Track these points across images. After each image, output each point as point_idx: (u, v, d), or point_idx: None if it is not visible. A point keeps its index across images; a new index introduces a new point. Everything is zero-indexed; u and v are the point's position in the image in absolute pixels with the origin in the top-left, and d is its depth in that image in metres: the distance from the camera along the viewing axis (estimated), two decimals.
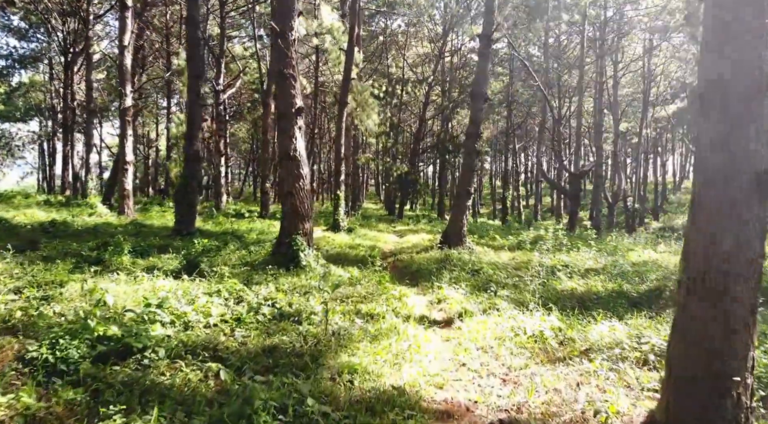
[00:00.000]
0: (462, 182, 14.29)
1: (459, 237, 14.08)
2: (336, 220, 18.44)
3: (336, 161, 18.65)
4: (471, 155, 14.06)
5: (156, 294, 6.61)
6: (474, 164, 14.17)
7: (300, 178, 8.78)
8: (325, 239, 15.77)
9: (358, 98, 22.05)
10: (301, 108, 8.75)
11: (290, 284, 7.81)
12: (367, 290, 7.97)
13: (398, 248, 15.61)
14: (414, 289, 9.41)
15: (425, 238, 18.39)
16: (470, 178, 14.18)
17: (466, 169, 14.14)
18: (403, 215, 31.88)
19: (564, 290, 9.24)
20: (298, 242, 8.78)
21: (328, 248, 13.91)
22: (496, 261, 12.35)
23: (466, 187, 14.13)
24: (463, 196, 14.21)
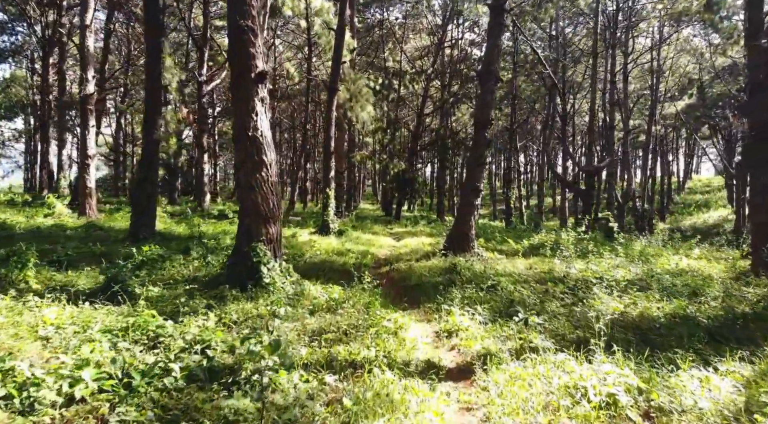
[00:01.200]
0: (469, 178, 12.00)
1: (466, 242, 11.79)
2: (325, 221, 16.13)
3: (324, 156, 16.38)
4: (480, 146, 11.78)
5: (36, 329, 4.36)
6: (483, 157, 11.89)
7: (262, 167, 6.45)
8: (311, 243, 13.47)
9: (352, 88, 19.76)
10: (263, 73, 6.45)
11: (241, 313, 5.51)
12: (351, 319, 5.67)
13: (395, 254, 13.31)
14: (414, 312, 7.11)
15: (425, 242, 16.10)
16: (479, 173, 11.90)
17: (475, 162, 11.85)
18: (401, 215, 29.58)
19: (609, 312, 6.95)
20: (259, 252, 6.45)
21: (312, 255, 11.61)
22: (512, 271, 10.08)
23: (474, 183, 11.84)
24: (470, 194, 11.92)
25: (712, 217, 43.19)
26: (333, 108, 16.19)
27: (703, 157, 76.32)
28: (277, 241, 6.88)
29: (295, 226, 18.97)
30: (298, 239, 14.40)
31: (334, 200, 16.38)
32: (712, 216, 43.53)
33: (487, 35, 11.90)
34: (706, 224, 39.85)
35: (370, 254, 12.89)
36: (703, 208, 46.33)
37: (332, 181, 16.28)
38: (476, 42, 34.97)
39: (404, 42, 34.66)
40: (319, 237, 15.29)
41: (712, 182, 63.10)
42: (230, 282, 6.38)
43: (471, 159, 12.00)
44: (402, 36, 33.76)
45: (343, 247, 13.36)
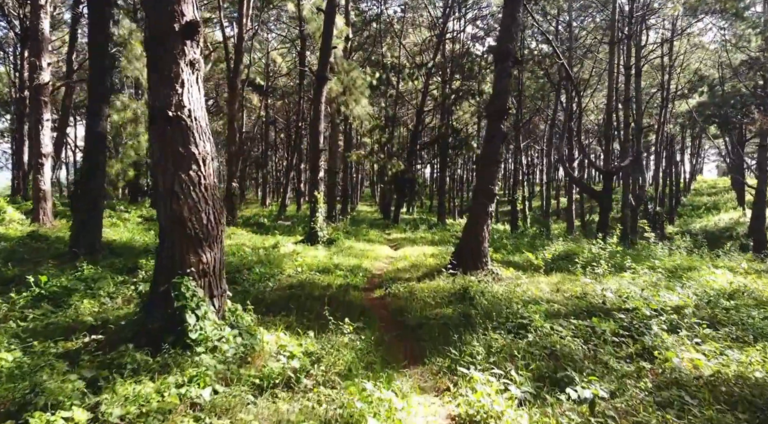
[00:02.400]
0: (481, 179, 9.78)
1: (478, 257, 9.59)
2: (312, 229, 13.93)
3: (312, 154, 14.18)
4: (494, 140, 9.57)
5: None
6: (499, 153, 9.69)
7: (191, 163, 4.19)
8: (293, 256, 11.28)
9: (345, 79, 17.56)
10: (193, 24, 4.23)
11: (133, 403, 3.28)
12: (319, 407, 3.45)
13: (392, 269, 11.10)
14: (418, 373, 4.89)
15: (427, 252, 13.90)
16: (493, 172, 9.69)
17: (488, 160, 9.65)
18: (400, 218, 27.39)
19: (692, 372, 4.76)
20: (184, 292, 4.20)
21: (291, 274, 9.42)
22: (538, 296, 7.92)
23: (487, 184, 9.63)
24: (482, 197, 9.71)
25: (722, 219, 41.10)
26: (321, 99, 13.99)
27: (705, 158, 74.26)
28: (216, 272, 4.61)
29: (282, 233, 16.78)
30: (279, 250, 12.21)
31: (324, 205, 14.18)
32: (723, 219, 41.42)
33: (504, 5, 9.68)
34: (717, 227, 37.76)
35: (363, 269, 10.69)
36: (713, 210, 44.19)
37: (322, 182, 14.08)
38: (478, 36, 32.79)
39: (403, 37, 32.47)
40: (306, 247, 13.10)
41: (718, 183, 61.02)
42: (146, 336, 4.16)
43: (484, 156, 9.79)
44: (401, 30, 31.56)
45: (330, 261, 11.16)
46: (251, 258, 10.79)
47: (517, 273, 9.91)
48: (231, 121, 17.91)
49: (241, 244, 12.96)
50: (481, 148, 9.92)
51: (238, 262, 10.21)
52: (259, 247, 12.66)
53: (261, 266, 9.87)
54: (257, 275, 8.77)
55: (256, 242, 13.76)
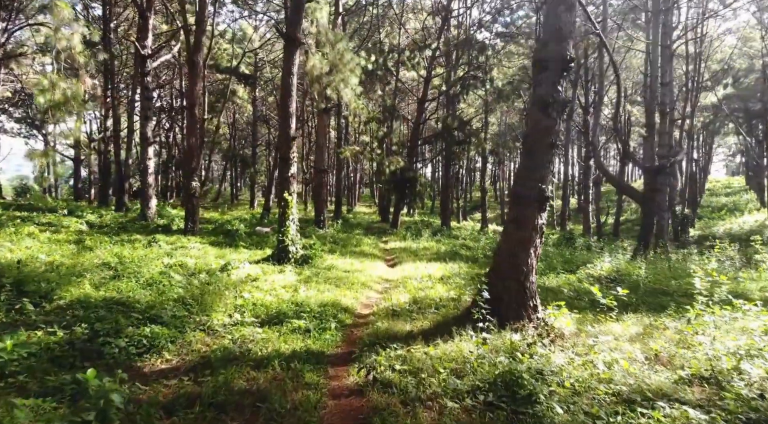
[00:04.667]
0: (527, 172, 5.95)
1: (522, 298, 5.84)
2: (282, 244, 10.12)
3: (281, 142, 10.33)
4: (547, 112, 5.80)
5: None
6: (553, 133, 5.88)
7: None
8: (240, 288, 7.48)
9: (331, 55, 13.76)
10: None
11: None
12: None
13: (384, 309, 7.23)
14: None
15: (434, 272, 10.12)
16: (546, 161, 5.88)
17: (539, 142, 5.85)
18: (399, 222, 23.57)
19: None
20: None
21: (217, 327, 5.65)
22: (640, 387, 4.05)
23: (536, 181, 5.85)
24: (529, 203, 5.90)
25: (747, 222, 37.16)
26: (292, 69, 10.19)
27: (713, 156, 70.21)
28: None
29: (250, 244, 12.97)
30: (228, 275, 8.42)
31: (295, 210, 10.36)
32: (747, 221, 37.46)
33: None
34: (743, 230, 33.90)
35: (341, 310, 6.87)
36: (735, 212, 40.36)
37: (292, 181, 10.24)
38: (484, 22, 28.90)
39: (404, 23, 28.64)
40: (269, 269, 9.30)
41: (732, 183, 57.26)
42: None
43: (531, 138, 5.98)
44: (400, 14, 27.72)
45: (294, 295, 7.36)
46: (173, 292, 7.01)
47: (570, 310, 6.16)
48: (191, 106, 14.10)
49: (178, 264, 9.18)
50: (527, 124, 6.05)
51: (150, 300, 6.44)
52: (202, 269, 8.88)
53: (176, 310, 6.11)
54: (147, 335, 5.01)
55: (205, 260, 9.98)
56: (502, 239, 6.18)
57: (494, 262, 6.21)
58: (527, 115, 6.20)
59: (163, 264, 9.29)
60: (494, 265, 6.19)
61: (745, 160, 56.54)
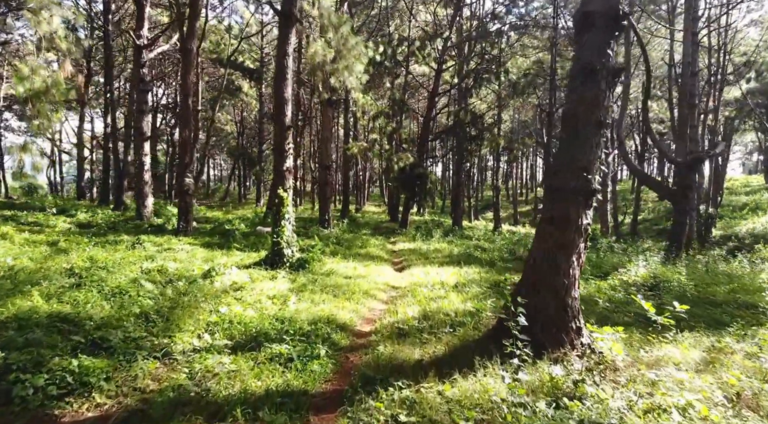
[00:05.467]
0: (566, 160, 4.66)
1: (563, 319, 4.57)
2: (276, 245, 8.91)
3: (276, 131, 9.10)
4: (594, 81, 4.51)
5: None
6: (602, 108, 4.57)
7: None
8: (221, 300, 6.29)
9: (334, 40, 12.55)
10: None
11: None
12: None
13: (387, 326, 5.98)
14: None
15: (448, 278, 8.85)
16: (590, 145, 4.58)
17: (582, 121, 4.57)
18: (409, 222, 22.26)
19: None
20: None
21: (178, 355, 4.43)
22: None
23: (578, 170, 4.55)
24: (568, 198, 4.60)
25: None
26: (287, 49, 8.96)
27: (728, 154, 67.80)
28: None
29: (245, 246, 11.78)
30: (210, 283, 7.23)
31: (291, 208, 9.13)
32: None
33: None
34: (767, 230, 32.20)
35: (335, 329, 5.64)
36: (758, 211, 38.47)
37: (288, 176, 9.01)
38: (498, 13, 27.44)
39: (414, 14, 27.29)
40: (260, 275, 8.10)
41: (751, 182, 55.08)
42: None
43: (573, 116, 4.71)
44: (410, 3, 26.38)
45: (284, 308, 6.15)
46: (138, 305, 5.83)
47: (615, 329, 4.88)
48: (185, 97, 12.95)
49: (157, 269, 8.02)
50: (566, 98, 4.76)
51: (107, 315, 5.29)
52: (182, 275, 7.70)
53: (134, 329, 4.94)
54: (75, 370, 3.80)
55: (190, 264, 8.82)
56: (535, 243, 4.89)
57: (526, 272, 4.92)
58: (568, 86, 4.92)
59: (141, 269, 8.14)
60: (526, 275, 4.91)
61: (763, 158, 54.36)
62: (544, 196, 4.89)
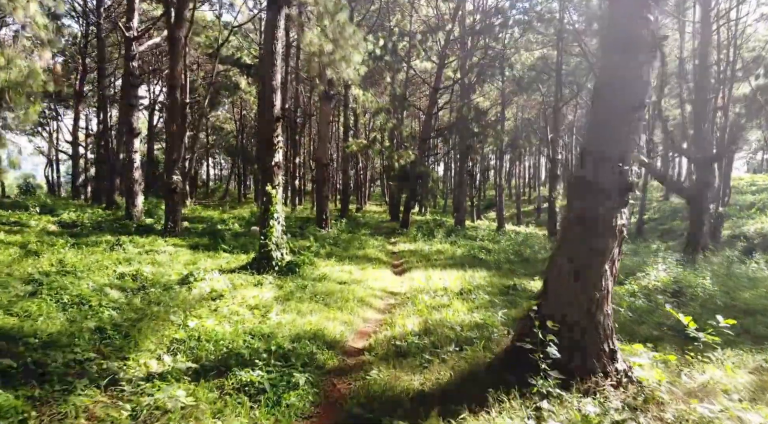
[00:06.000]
0: (598, 148, 3.84)
1: (593, 340, 3.71)
2: (264, 247, 8.10)
3: (262, 121, 8.25)
4: (632, 50, 3.66)
5: None
6: (641, 83, 3.74)
7: None
8: (192, 312, 5.48)
9: (330, 28, 11.74)
10: None
11: None
12: None
13: (386, 337, 5.18)
14: None
15: (452, 283, 8.04)
16: (627, 128, 3.74)
17: (618, 100, 3.74)
18: (410, 221, 21.44)
19: None
20: None
21: (125, 389, 3.58)
22: None
23: (614, 161, 3.71)
24: (600, 194, 3.76)
25: None
26: (276, 33, 8.05)
27: None
28: None
29: (233, 248, 10.96)
30: (188, 290, 6.44)
31: (280, 207, 8.32)
32: None
33: None
34: None
35: (325, 345, 4.83)
36: (766, 210, 37.53)
37: (277, 171, 8.19)
38: (502, 8, 26.56)
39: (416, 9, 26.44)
40: (245, 279, 7.30)
41: (756, 181, 54.12)
42: None
43: (607, 93, 3.87)
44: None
45: (265, 321, 5.35)
46: (98, 318, 5.04)
47: (647, 348, 4.09)
48: (172, 89, 12.15)
49: (132, 274, 7.23)
50: (599, 72, 3.90)
51: (57, 330, 4.51)
52: (158, 281, 6.90)
53: (83, 349, 4.15)
54: None
55: (170, 268, 8.03)
56: (559, 248, 4.06)
57: (548, 283, 4.09)
58: (601, 59, 4.09)
59: (114, 273, 7.35)
60: (548, 287, 4.07)
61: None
62: (568, 191, 4.06)
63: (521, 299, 6.98)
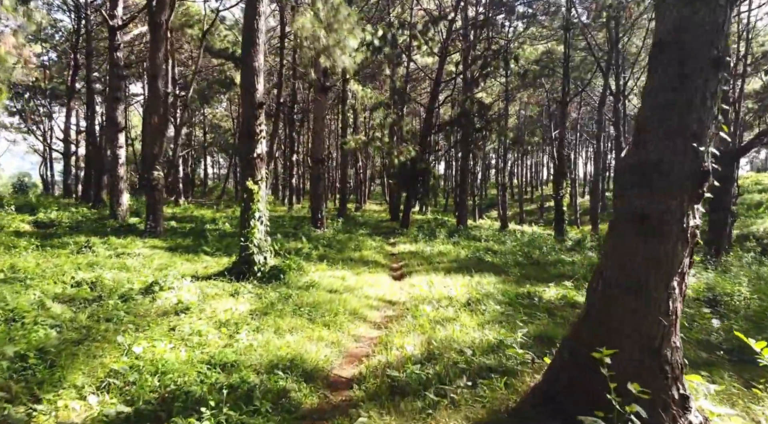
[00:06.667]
0: (661, 122, 2.85)
1: (657, 383, 2.67)
2: (245, 251, 7.09)
3: (245, 109, 7.21)
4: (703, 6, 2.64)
5: None
6: (721, 35, 2.72)
7: None
8: (144, 332, 4.47)
9: (323, 11, 10.79)
10: None
11: None
12: None
13: (380, 363, 4.18)
14: None
15: (458, 291, 7.02)
16: (702, 96, 2.74)
17: (690, 59, 2.72)
18: (410, 220, 20.44)
19: None
20: None
21: None
22: None
23: (685, 139, 2.69)
24: (667, 182, 2.72)
25: None
26: (259, 6, 7.09)
27: None
28: None
29: (215, 251, 9.94)
30: (151, 301, 5.47)
31: (263, 205, 7.31)
32: None
33: None
34: None
35: (304, 376, 3.83)
36: None
37: (260, 164, 7.19)
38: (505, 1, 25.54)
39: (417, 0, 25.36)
40: (221, 287, 6.31)
41: (762, 180, 53.09)
42: None
43: (674, 51, 2.80)
44: None
45: (231, 344, 4.34)
46: (23, 341, 4.04)
47: (705, 379, 3.05)
48: (153, 78, 11.15)
49: (91, 281, 6.24)
50: (659, 22, 2.84)
51: None
52: (118, 290, 5.90)
53: None
54: None
55: (139, 274, 7.04)
56: (606, 258, 3.05)
57: (591, 304, 3.07)
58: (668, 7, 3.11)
59: (72, 281, 6.36)
60: (590, 310, 3.06)
61: None
62: (618, 182, 3.06)
63: (539, 312, 5.97)
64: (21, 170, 51.50)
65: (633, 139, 2.99)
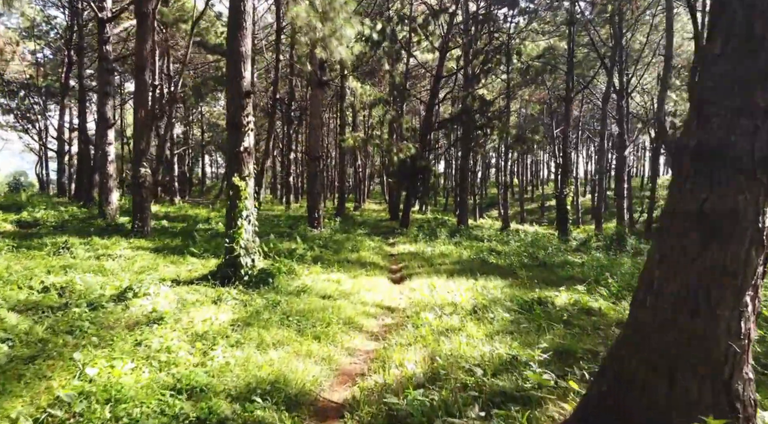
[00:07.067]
0: (733, 92, 2.26)
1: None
2: (231, 254, 6.49)
3: (230, 99, 6.61)
4: None
5: None
6: None
7: None
8: (113, 346, 3.88)
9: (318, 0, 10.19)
10: None
11: None
12: None
13: (376, 386, 3.60)
14: None
15: (462, 296, 6.42)
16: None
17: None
18: (410, 220, 19.86)
19: None
20: None
21: None
22: None
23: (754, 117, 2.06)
24: (732, 170, 2.12)
25: None
26: None
27: None
28: None
29: (204, 252, 9.33)
30: (123, 310, 4.88)
31: (251, 202, 6.73)
32: None
33: None
34: None
35: (286, 402, 3.24)
36: None
37: (247, 159, 6.61)
38: None
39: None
40: (203, 293, 5.73)
41: None
42: None
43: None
44: None
45: (204, 363, 3.75)
46: None
47: None
48: (140, 70, 10.55)
49: (61, 286, 5.66)
50: None
51: None
52: (88, 297, 5.31)
53: None
54: None
55: (115, 278, 6.45)
56: (656, 265, 2.45)
57: (635, 321, 2.48)
58: None
59: (40, 286, 5.78)
60: (634, 329, 2.46)
61: None
62: (674, 171, 2.46)
63: (553, 321, 5.38)
64: (19, 169, 50.87)
65: (691, 115, 2.40)
